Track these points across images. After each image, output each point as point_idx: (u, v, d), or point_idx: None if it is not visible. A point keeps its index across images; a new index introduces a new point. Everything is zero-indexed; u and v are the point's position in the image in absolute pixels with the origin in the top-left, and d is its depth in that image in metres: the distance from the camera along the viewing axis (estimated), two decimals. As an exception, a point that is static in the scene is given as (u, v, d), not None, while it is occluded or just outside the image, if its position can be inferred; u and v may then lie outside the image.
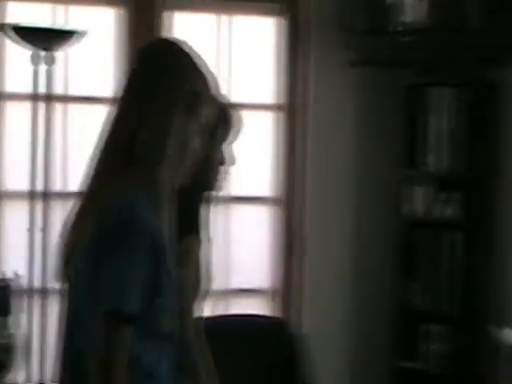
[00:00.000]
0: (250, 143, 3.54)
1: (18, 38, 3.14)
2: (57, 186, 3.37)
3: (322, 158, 3.60)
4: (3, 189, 3.42)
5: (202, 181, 1.95)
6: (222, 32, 3.57)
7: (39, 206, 3.30)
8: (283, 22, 3.61)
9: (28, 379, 3.22)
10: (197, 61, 1.71)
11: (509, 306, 3.30)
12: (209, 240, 2.05)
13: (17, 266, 3.27)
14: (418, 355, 3.41)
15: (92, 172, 1.65)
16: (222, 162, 2.02)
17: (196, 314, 2.03)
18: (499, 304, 3.33)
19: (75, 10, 3.42)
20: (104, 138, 1.66)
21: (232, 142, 2.05)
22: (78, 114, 3.46)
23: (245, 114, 3.52)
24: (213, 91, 1.73)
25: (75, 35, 3.17)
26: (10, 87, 3.40)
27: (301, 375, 2.76)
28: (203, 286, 2.04)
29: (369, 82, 3.54)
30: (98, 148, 1.65)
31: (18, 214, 3.38)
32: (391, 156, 3.53)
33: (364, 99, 3.42)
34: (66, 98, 3.44)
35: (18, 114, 3.40)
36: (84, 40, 3.21)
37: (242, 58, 3.59)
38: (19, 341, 3.16)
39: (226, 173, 2.03)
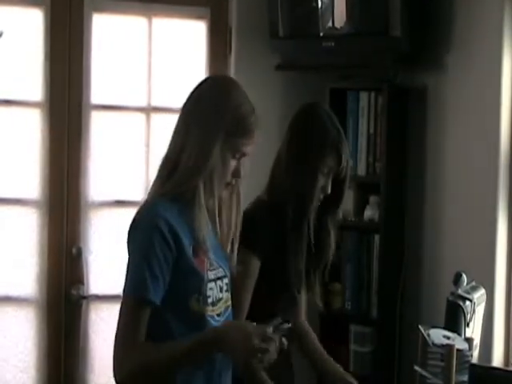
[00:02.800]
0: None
1: None
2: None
3: (246, 161, 3.57)
4: None
5: None
6: (143, 34, 3.52)
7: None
8: (207, 25, 3.58)
9: None
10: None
11: (425, 306, 3.36)
12: None
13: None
14: (340, 356, 3.44)
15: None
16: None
17: None
18: (415, 306, 3.39)
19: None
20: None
21: None
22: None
23: (170, 119, 3.54)
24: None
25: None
26: None
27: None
28: None
29: (293, 85, 3.55)
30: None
31: None
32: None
33: (288, 103, 3.42)
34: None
35: None
36: (1, 41, 3.13)
37: (165, 61, 3.54)
38: None
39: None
